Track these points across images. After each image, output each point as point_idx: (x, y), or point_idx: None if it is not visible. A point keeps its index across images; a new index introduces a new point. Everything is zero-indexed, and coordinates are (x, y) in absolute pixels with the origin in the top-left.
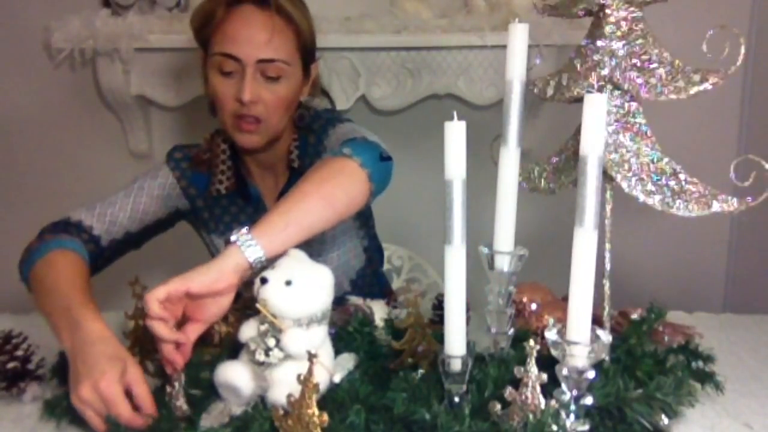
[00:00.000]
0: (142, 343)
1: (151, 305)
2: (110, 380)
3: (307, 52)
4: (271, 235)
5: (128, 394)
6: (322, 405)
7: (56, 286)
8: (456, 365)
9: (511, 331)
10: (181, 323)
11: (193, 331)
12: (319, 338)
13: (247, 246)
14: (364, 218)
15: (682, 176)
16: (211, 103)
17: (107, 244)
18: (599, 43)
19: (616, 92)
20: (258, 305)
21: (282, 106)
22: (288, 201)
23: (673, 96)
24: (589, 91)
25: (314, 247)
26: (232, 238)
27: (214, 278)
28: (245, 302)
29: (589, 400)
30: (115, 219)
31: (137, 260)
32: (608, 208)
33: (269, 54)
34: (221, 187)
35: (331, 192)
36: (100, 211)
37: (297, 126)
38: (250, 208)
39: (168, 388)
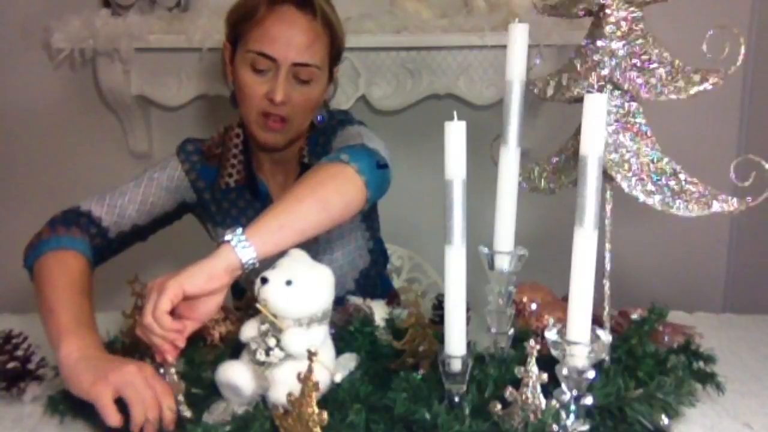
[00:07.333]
0: (141, 341)
1: (164, 321)
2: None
3: (336, 57)
4: (264, 236)
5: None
6: (322, 405)
7: (54, 289)
8: (456, 365)
9: (511, 331)
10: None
11: (186, 328)
12: (319, 338)
13: (242, 247)
14: (370, 220)
15: (682, 176)
16: (233, 94)
17: (115, 236)
18: (599, 43)
19: (616, 92)
20: (258, 305)
21: (309, 108)
22: (283, 203)
23: (673, 96)
24: (589, 91)
25: (320, 245)
26: (227, 237)
27: (207, 279)
28: (247, 302)
29: (589, 400)
30: (124, 211)
31: (135, 257)
32: (608, 208)
33: (306, 58)
34: (231, 180)
35: (327, 196)
36: (109, 202)
37: (313, 126)
38: (257, 204)
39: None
